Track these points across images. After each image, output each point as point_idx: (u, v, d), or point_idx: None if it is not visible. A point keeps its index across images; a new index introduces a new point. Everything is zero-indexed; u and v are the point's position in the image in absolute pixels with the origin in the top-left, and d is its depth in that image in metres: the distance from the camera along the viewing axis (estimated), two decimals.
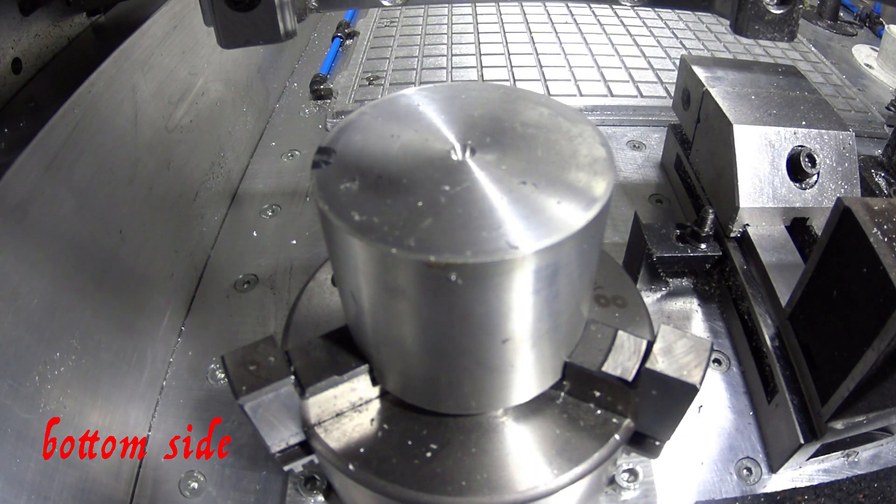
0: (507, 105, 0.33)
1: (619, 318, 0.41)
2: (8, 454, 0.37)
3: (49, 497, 0.40)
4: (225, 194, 0.78)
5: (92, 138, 0.50)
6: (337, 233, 0.27)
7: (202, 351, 0.60)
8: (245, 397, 0.32)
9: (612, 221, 0.76)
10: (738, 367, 0.59)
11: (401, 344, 0.31)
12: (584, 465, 0.34)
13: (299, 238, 0.73)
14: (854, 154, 0.61)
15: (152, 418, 0.54)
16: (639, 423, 0.36)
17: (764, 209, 0.60)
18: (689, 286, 0.67)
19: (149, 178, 0.59)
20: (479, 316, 0.27)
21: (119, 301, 0.52)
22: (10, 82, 0.52)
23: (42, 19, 0.56)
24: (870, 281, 0.40)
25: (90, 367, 0.47)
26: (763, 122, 0.60)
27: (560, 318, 0.31)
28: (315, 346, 0.35)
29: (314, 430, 0.36)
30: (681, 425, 0.36)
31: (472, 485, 0.33)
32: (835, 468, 0.52)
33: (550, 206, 0.27)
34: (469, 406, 0.34)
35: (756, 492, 0.50)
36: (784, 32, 0.53)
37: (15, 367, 0.39)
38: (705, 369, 0.32)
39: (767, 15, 0.52)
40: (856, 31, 1.29)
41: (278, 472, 0.50)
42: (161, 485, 0.50)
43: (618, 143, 0.90)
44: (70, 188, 0.47)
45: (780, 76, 0.69)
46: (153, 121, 0.60)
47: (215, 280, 0.68)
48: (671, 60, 1.09)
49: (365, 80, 1.03)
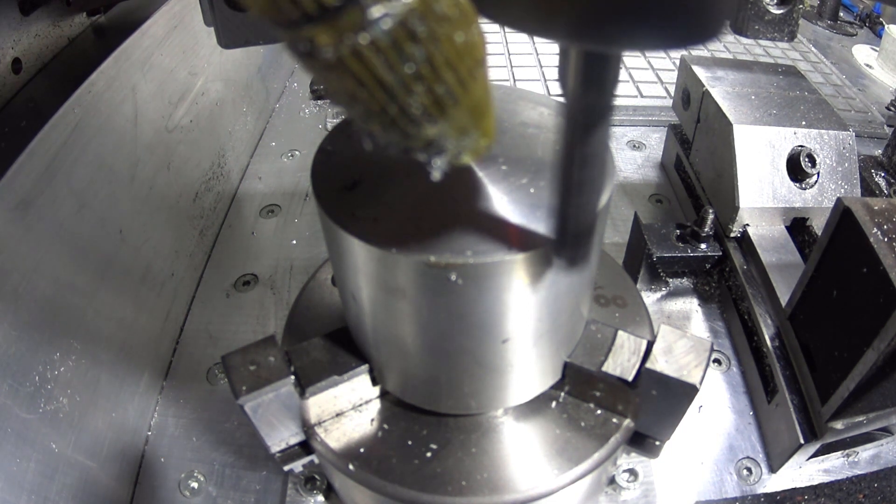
0: (507, 105, 0.33)
1: (619, 318, 0.41)
2: (8, 454, 0.37)
3: (49, 497, 0.40)
4: (225, 194, 0.78)
5: (92, 138, 0.50)
6: (337, 233, 0.27)
7: (202, 351, 0.60)
8: (245, 397, 0.32)
9: (612, 221, 0.76)
10: (738, 367, 0.59)
11: (401, 344, 0.31)
12: (584, 465, 0.34)
13: (299, 238, 0.73)
14: (854, 154, 0.61)
15: (152, 418, 0.54)
16: (639, 423, 0.36)
17: (764, 209, 0.60)
18: (689, 286, 0.67)
19: (149, 178, 0.59)
20: (479, 316, 0.27)
21: (119, 301, 0.52)
22: (10, 82, 0.52)
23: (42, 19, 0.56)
24: (870, 281, 0.40)
25: (90, 367, 0.47)
26: (763, 122, 0.60)
27: (560, 318, 0.31)
28: (315, 346, 0.35)
29: (314, 430, 0.36)
30: (681, 425, 0.36)
31: (472, 485, 0.33)
32: (835, 468, 0.52)
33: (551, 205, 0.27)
34: (469, 406, 0.34)
35: (756, 492, 0.50)
36: (784, 32, 0.53)
37: (15, 367, 0.39)
38: (705, 369, 0.32)
39: (767, 15, 0.52)
40: (856, 31, 1.29)
41: (278, 472, 0.50)
42: (161, 485, 0.50)
43: (618, 143, 0.90)
44: (70, 188, 0.47)
45: (780, 76, 0.69)
46: (153, 121, 0.60)
47: (215, 280, 0.68)
48: (671, 60, 1.09)
49: None
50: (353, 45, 0.14)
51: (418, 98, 0.16)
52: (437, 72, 0.16)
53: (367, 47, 0.14)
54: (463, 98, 0.17)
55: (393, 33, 0.15)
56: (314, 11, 0.14)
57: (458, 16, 0.16)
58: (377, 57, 0.15)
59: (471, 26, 0.16)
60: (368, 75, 0.15)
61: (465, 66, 0.16)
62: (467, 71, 0.16)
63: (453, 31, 0.16)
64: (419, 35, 0.15)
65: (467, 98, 0.17)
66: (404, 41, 0.15)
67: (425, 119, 0.17)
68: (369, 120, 0.17)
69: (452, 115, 0.17)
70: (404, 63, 0.15)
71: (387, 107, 0.16)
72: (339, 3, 0.14)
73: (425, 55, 0.15)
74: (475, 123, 0.18)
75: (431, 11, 0.15)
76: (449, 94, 0.16)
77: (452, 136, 0.18)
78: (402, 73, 0.15)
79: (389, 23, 0.14)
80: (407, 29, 0.15)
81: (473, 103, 0.17)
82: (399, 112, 0.16)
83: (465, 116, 0.17)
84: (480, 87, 0.18)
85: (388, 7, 0.14)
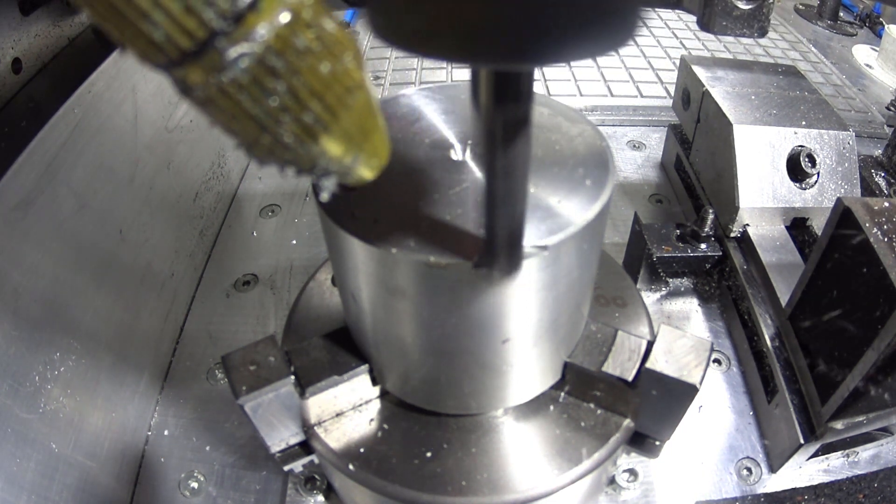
0: None
1: (619, 318, 0.41)
2: (8, 454, 0.37)
3: (49, 497, 0.40)
4: (225, 194, 0.78)
5: (92, 138, 0.50)
6: (337, 233, 0.27)
7: (202, 351, 0.60)
8: (245, 397, 0.32)
9: (612, 221, 0.76)
10: (738, 367, 0.59)
11: (401, 344, 0.31)
12: (584, 465, 0.34)
13: (299, 238, 0.73)
14: (854, 154, 0.61)
15: (152, 418, 0.54)
16: (639, 423, 0.36)
17: (764, 209, 0.60)
18: (689, 286, 0.67)
19: (149, 178, 0.59)
20: (479, 316, 0.27)
21: (119, 301, 0.52)
22: (10, 82, 0.52)
23: (42, 19, 0.56)
24: (870, 281, 0.40)
25: (90, 367, 0.47)
26: (763, 122, 0.60)
27: (560, 318, 0.31)
28: (315, 346, 0.35)
29: (314, 430, 0.36)
30: (681, 425, 0.36)
31: (472, 485, 0.33)
32: (835, 468, 0.52)
33: (551, 205, 0.27)
34: (469, 406, 0.34)
35: (756, 492, 0.50)
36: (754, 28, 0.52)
37: (15, 367, 0.39)
38: (705, 369, 0.32)
39: (735, 11, 0.51)
40: (856, 31, 1.29)
41: (278, 472, 0.50)
42: (161, 485, 0.50)
43: (618, 143, 0.90)
44: (70, 188, 0.47)
45: (780, 76, 0.69)
46: (153, 121, 0.60)
47: (215, 280, 0.68)
48: (671, 60, 1.09)
49: None
50: (218, 83, 0.16)
51: (287, 127, 0.17)
52: (302, 102, 0.17)
53: (230, 85, 0.16)
54: (333, 125, 0.18)
55: (252, 71, 0.16)
56: (177, 57, 0.15)
57: (321, 48, 0.16)
58: (241, 93, 0.16)
59: (341, 55, 0.17)
60: (237, 110, 0.16)
61: (332, 95, 0.17)
62: (336, 98, 0.17)
63: (317, 63, 0.17)
64: (278, 70, 0.16)
65: (339, 124, 0.18)
66: (264, 77, 0.16)
67: (298, 146, 0.18)
68: (250, 149, 0.18)
69: (326, 141, 0.18)
70: (268, 97, 0.16)
71: (260, 137, 0.17)
72: (196, 47, 0.15)
73: (287, 88, 0.16)
74: (357, 146, 0.19)
75: (291, 47, 0.16)
76: (318, 122, 0.17)
77: (333, 159, 0.19)
78: (267, 106, 0.16)
79: (247, 61, 0.15)
80: (265, 66, 0.16)
81: (349, 127, 0.18)
82: (272, 141, 0.17)
83: (342, 140, 0.18)
84: (357, 111, 0.18)
85: (245, 47, 0.15)
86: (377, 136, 0.20)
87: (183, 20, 0.14)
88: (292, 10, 0.16)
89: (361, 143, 0.19)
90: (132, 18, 0.14)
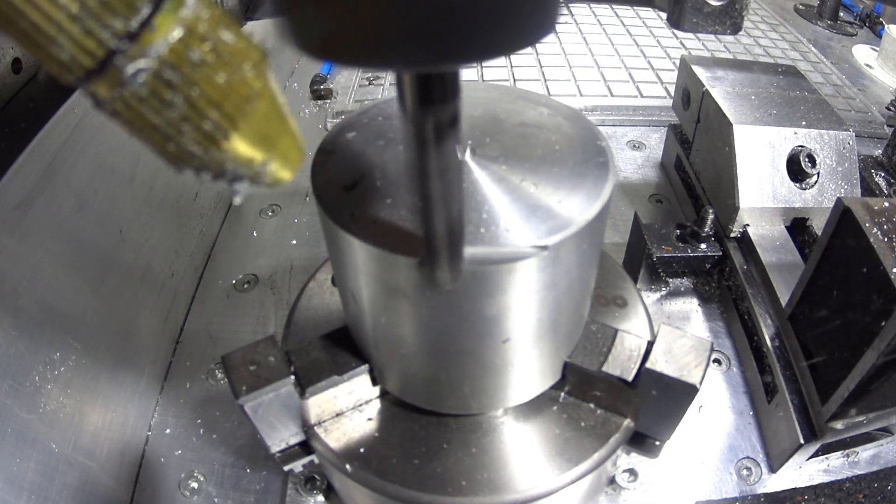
0: (507, 105, 0.33)
1: (619, 318, 0.41)
2: (8, 454, 0.37)
3: (49, 497, 0.40)
4: (225, 194, 0.78)
5: (92, 138, 0.50)
6: (337, 233, 0.27)
7: (202, 351, 0.60)
8: (245, 397, 0.32)
9: (612, 221, 0.76)
10: (738, 367, 0.59)
11: (401, 344, 0.31)
12: (584, 465, 0.34)
13: (299, 238, 0.73)
14: (854, 154, 0.61)
15: (152, 418, 0.54)
16: (639, 423, 0.36)
17: (764, 209, 0.60)
18: (689, 286, 0.67)
19: (149, 178, 0.59)
20: (480, 316, 0.27)
21: (119, 301, 0.52)
22: (10, 82, 0.52)
23: None
24: (870, 281, 0.40)
25: (90, 367, 0.47)
26: (763, 122, 0.60)
27: (560, 317, 0.31)
28: (315, 346, 0.35)
29: (314, 430, 0.36)
30: (681, 425, 0.36)
31: (473, 485, 0.33)
32: (835, 468, 0.52)
33: (551, 205, 0.27)
34: (469, 406, 0.34)
35: (756, 492, 0.50)
36: (726, 25, 0.50)
37: (15, 367, 0.39)
38: (705, 369, 0.32)
39: (706, 7, 0.49)
40: (856, 31, 1.29)
41: (278, 472, 0.50)
42: (161, 485, 0.50)
43: (618, 143, 0.90)
44: (70, 188, 0.47)
45: (780, 76, 0.69)
46: None
47: (215, 280, 0.68)
48: (671, 60, 1.09)
49: (365, 80, 1.03)
50: (121, 97, 0.17)
51: (189, 136, 0.18)
52: (200, 111, 0.18)
53: (132, 98, 0.17)
54: (233, 131, 0.19)
55: (150, 84, 0.17)
56: (83, 75, 0.17)
57: (216, 59, 0.18)
58: (142, 105, 0.17)
59: (239, 66, 0.18)
60: (142, 121, 0.18)
61: (230, 103, 0.18)
62: (234, 107, 0.19)
63: (213, 74, 0.18)
64: (175, 83, 0.17)
65: (239, 131, 0.19)
66: (162, 89, 0.17)
67: (203, 153, 0.19)
68: (161, 156, 0.20)
69: (228, 147, 0.19)
70: (167, 108, 0.18)
71: (166, 145, 0.19)
72: (97, 66, 0.16)
73: (184, 99, 0.18)
74: (265, 150, 0.20)
75: (186, 60, 0.17)
76: (217, 130, 0.18)
77: (241, 163, 0.20)
78: (168, 116, 0.18)
79: (144, 76, 0.17)
80: (162, 79, 0.17)
81: (252, 134, 0.19)
82: (177, 148, 0.19)
83: (247, 145, 0.19)
84: (258, 118, 0.19)
85: (141, 63, 0.17)
86: (285, 140, 0.21)
87: (83, 41, 0.16)
88: (187, 25, 0.17)
89: (269, 148, 0.20)
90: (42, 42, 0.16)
